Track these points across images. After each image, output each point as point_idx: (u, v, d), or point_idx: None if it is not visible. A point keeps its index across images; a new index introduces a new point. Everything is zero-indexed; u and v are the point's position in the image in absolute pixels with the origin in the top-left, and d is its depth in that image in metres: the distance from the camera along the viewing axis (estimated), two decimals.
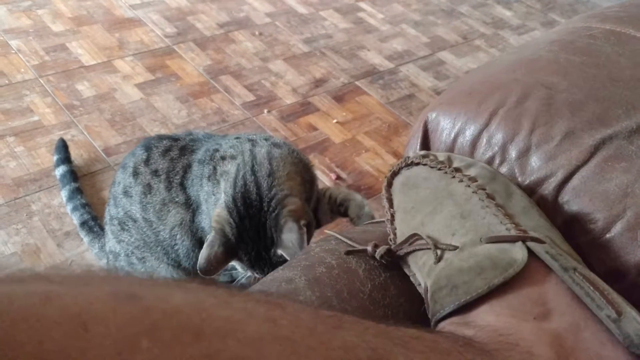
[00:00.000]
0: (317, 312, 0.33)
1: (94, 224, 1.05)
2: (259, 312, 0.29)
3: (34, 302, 0.23)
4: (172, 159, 0.83)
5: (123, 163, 0.89)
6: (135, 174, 0.84)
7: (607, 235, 0.51)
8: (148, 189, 0.82)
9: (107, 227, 0.92)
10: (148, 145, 0.86)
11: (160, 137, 0.88)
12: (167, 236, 0.83)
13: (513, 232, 0.45)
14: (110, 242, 0.90)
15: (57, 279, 0.26)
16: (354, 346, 0.30)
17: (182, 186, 0.81)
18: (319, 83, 1.59)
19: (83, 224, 1.04)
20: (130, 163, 0.86)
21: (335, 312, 0.33)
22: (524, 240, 0.44)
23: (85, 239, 1.04)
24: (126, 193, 0.85)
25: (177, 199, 0.82)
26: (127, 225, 0.86)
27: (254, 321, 0.28)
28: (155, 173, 0.83)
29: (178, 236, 0.82)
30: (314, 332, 0.30)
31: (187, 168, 0.82)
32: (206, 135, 0.89)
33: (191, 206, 0.81)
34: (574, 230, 0.53)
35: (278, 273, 0.54)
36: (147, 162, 0.84)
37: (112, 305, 0.24)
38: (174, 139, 0.87)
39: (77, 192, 1.09)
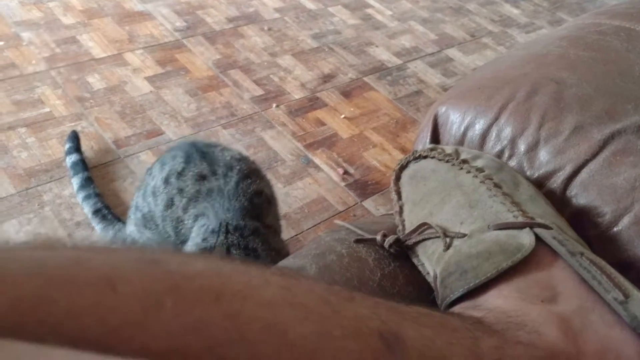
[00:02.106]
0: (329, 286, 0.34)
1: (107, 212, 1.06)
2: (275, 280, 0.30)
3: (65, 264, 0.24)
4: (199, 191, 0.79)
5: (162, 159, 0.85)
6: (167, 181, 0.81)
7: (615, 229, 0.52)
8: (171, 202, 0.80)
9: (131, 212, 0.90)
10: (189, 157, 0.81)
11: (204, 155, 0.81)
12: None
13: (520, 219, 0.46)
14: (133, 228, 0.89)
15: (85, 247, 0.27)
16: (365, 317, 0.32)
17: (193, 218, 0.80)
18: (327, 78, 1.60)
19: (96, 211, 1.05)
20: (167, 166, 0.82)
21: (347, 288, 0.35)
22: (531, 226, 0.45)
23: (98, 227, 1.05)
24: (154, 193, 0.83)
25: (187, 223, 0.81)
26: (150, 224, 0.85)
27: (271, 287, 0.29)
28: (180, 192, 0.80)
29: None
30: (327, 302, 0.31)
31: (199, 214, 0.79)
32: (234, 194, 0.79)
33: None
34: (582, 224, 0.53)
35: (289, 261, 0.55)
36: (179, 175, 0.80)
37: (138, 268, 0.26)
38: (213, 171, 0.80)
39: (90, 181, 1.10)
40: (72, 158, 1.14)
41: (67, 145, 1.17)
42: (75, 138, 1.18)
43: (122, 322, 0.23)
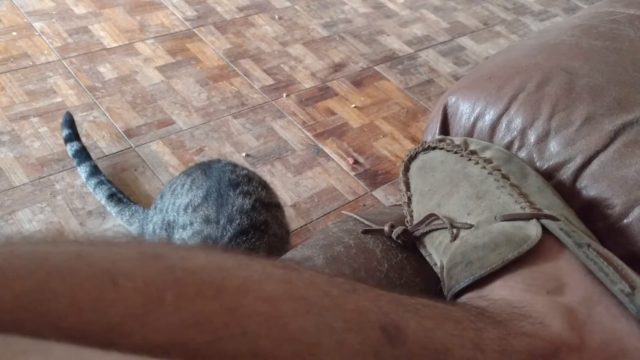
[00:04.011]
0: (331, 277, 0.34)
1: (122, 196, 1.07)
2: (276, 274, 0.30)
3: (67, 258, 0.24)
4: (202, 231, 0.81)
5: (193, 177, 0.86)
6: (185, 210, 0.83)
7: (625, 221, 0.51)
8: (184, 228, 0.83)
9: (160, 206, 0.90)
10: (207, 195, 0.82)
11: (219, 197, 0.82)
12: None
13: (527, 210, 0.46)
14: (157, 220, 0.89)
15: (87, 242, 0.28)
16: (366, 310, 0.32)
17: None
18: (337, 68, 1.59)
19: (111, 196, 1.06)
20: (191, 193, 0.84)
21: (349, 280, 0.35)
22: (538, 217, 0.45)
23: (114, 210, 1.06)
24: (177, 212, 0.85)
25: None
26: (169, 231, 0.86)
27: (272, 281, 0.29)
28: (191, 224, 0.82)
29: None
30: (328, 294, 0.31)
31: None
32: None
33: None
34: (592, 216, 0.53)
35: (296, 251, 0.55)
36: (195, 209, 0.82)
37: (139, 263, 0.26)
38: (217, 219, 0.80)
39: (97, 169, 1.11)
40: (74, 146, 1.14)
41: (65, 132, 1.16)
42: (71, 122, 1.17)
43: (123, 316, 0.23)
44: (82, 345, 0.21)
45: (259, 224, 0.81)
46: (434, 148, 0.57)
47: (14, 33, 1.47)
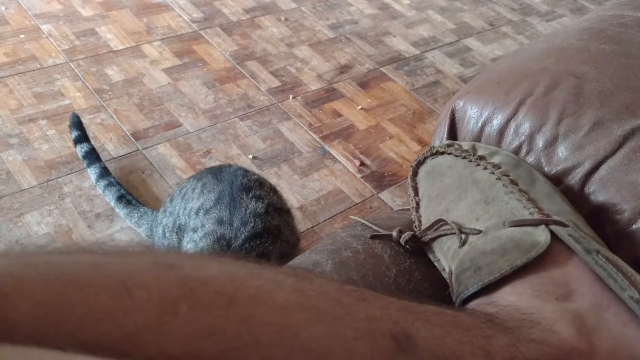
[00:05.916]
0: (342, 286, 0.34)
1: (131, 197, 1.08)
2: (287, 283, 0.30)
3: (83, 269, 0.25)
4: (215, 232, 0.81)
5: (204, 181, 0.86)
6: (197, 213, 0.84)
7: (634, 226, 0.51)
8: (195, 230, 0.83)
9: (171, 210, 0.90)
10: (220, 199, 0.83)
11: (232, 200, 0.82)
12: None
13: (536, 216, 0.46)
14: (168, 223, 0.90)
15: (101, 251, 0.28)
16: (377, 318, 0.32)
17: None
18: (344, 69, 1.59)
19: (120, 197, 1.07)
20: (202, 197, 0.84)
21: (360, 287, 0.35)
22: (547, 223, 0.45)
23: (123, 212, 1.07)
24: (189, 215, 0.85)
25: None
26: (180, 234, 0.86)
27: (283, 291, 0.29)
28: (202, 226, 0.82)
29: None
30: (339, 303, 0.31)
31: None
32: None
33: None
34: (600, 221, 0.53)
35: (305, 257, 0.55)
36: (206, 212, 0.83)
37: (153, 273, 0.26)
38: (230, 222, 0.81)
39: (107, 170, 1.12)
40: (84, 148, 1.14)
41: (74, 134, 1.16)
42: (79, 123, 1.17)
43: (138, 327, 0.23)
44: (99, 356, 0.21)
45: (272, 228, 0.81)
46: (442, 153, 0.57)
47: (22, 35, 1.48)
